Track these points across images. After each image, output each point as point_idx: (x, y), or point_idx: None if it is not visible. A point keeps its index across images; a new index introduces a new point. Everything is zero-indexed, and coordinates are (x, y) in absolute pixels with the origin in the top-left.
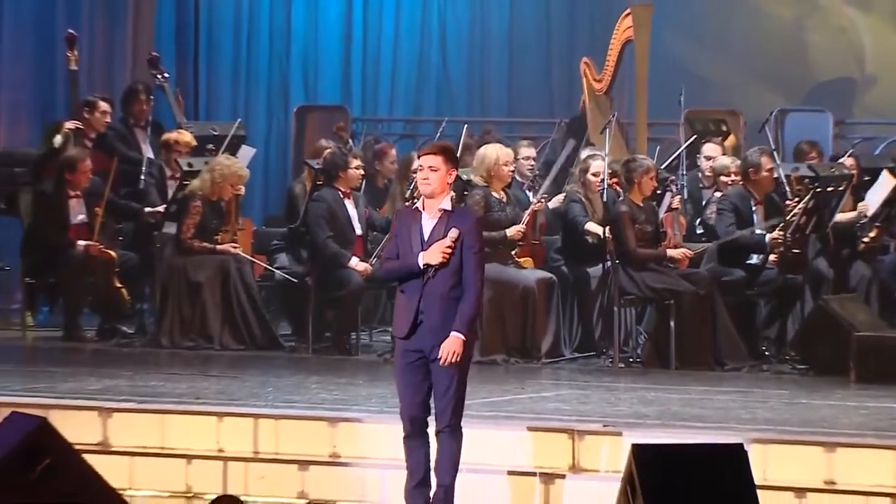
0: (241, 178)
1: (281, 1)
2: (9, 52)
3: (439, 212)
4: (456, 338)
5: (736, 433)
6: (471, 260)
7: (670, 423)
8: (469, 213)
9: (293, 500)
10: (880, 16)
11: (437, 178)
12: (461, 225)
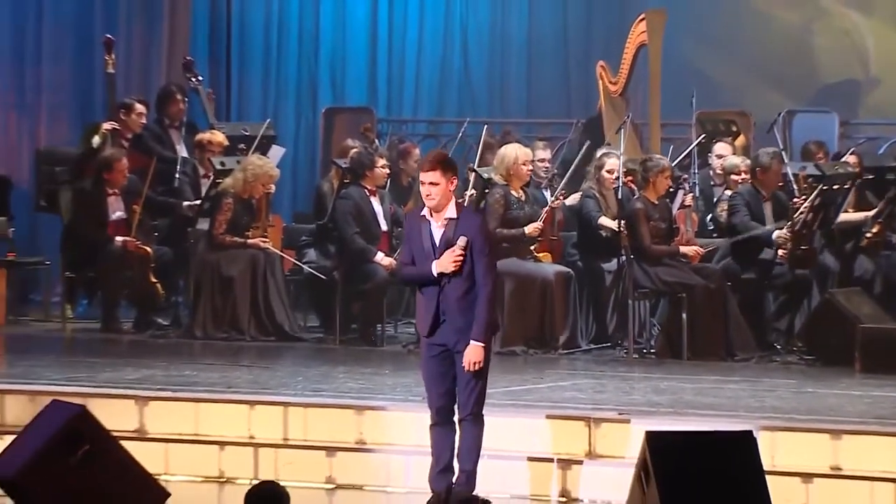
0: (272, 177)
1: (309, 6)
2: (49, 55)
3: (446, 221)
4: (476, 346)
5: (745, 421)
6: (480, 263)
7: (682, 412)
8: (474, 217)
9: (321, 484)
10: (883, 19)
11: (439, 191)
12: (468, 230)
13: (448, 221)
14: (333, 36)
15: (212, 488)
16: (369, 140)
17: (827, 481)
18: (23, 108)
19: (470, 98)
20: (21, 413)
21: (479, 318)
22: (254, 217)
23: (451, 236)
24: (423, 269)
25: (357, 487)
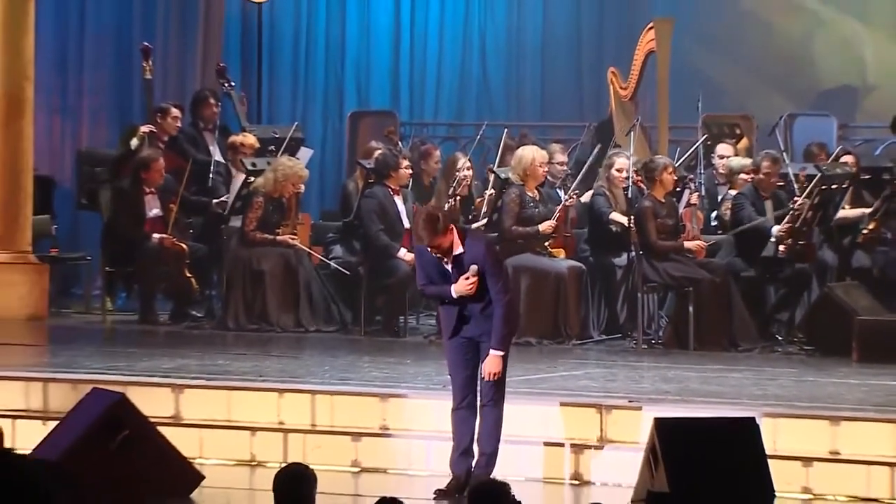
0: (301, 177)
1: (336, 16)
2: (90, 62)
3: (456, 257)
4: (495, 356)
5: (749, 408)
6: (491, 282)
7: (689, 399)
8: (479, 245)
9: (347, 468)
10: (880, 29)
11: (446, 247)
12: (475, 259)
13: (457, 258)
14: (358, 44)
15: (244, 471)
16: (393, 142)
17: (826, 465)
18: (65, 111)
19: (488, 102)
20: (64, 400)
21: (496, 331)
22: (284, 215)
23: (463, 268)
24: (442, 290)
25: (381, 471)
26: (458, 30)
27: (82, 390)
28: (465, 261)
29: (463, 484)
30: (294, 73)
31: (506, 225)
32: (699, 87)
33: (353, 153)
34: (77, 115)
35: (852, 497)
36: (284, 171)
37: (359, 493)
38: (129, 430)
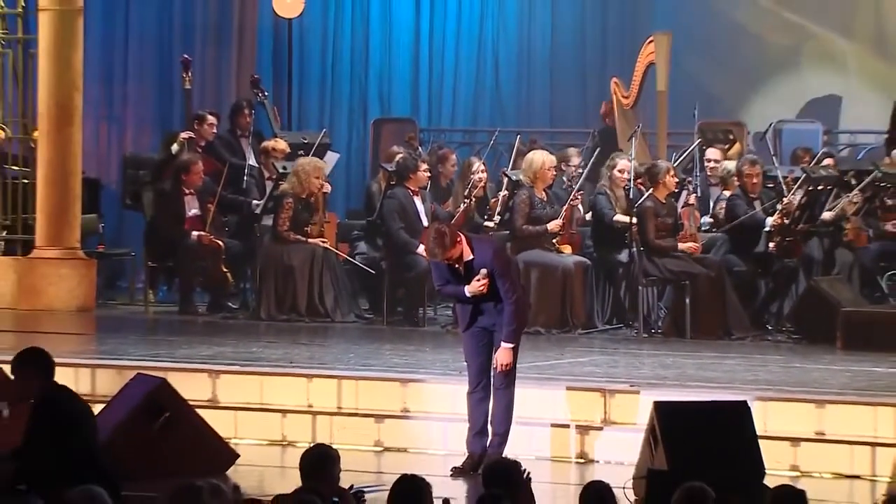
0: (320, 168)
1: (360, 30)
2: (134, 73)
3: (466, 263)
4: (506, 349)
5: (741, 392)
6: (500, 282)
7: (686, 384)
8: (486, 248)
9: (371, 447)
10: (861, 43)
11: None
12: (484, 262)
13: (468, 263)
14: (381, 56)
15: (275, 450)
16: (412, 147)
17: (812, 445)
18: (111, 119)
19: (500, 110)
20: (110, 385)
21: (506, 326)
22: (312, 213)
23: (474, 271)
24: (458, 290)
25: (402, 450)
26: (472, 43)
27: (127, 375)
28: (475, 265)
29: (477, 462)
30: (322, 83)
31: (517, 224)
32: (695, 95)
33: (376, 157)
34: (122, 122)
35: (837, 474)
36: (304, 167)
37: (381, 471)
38: (170, 412)
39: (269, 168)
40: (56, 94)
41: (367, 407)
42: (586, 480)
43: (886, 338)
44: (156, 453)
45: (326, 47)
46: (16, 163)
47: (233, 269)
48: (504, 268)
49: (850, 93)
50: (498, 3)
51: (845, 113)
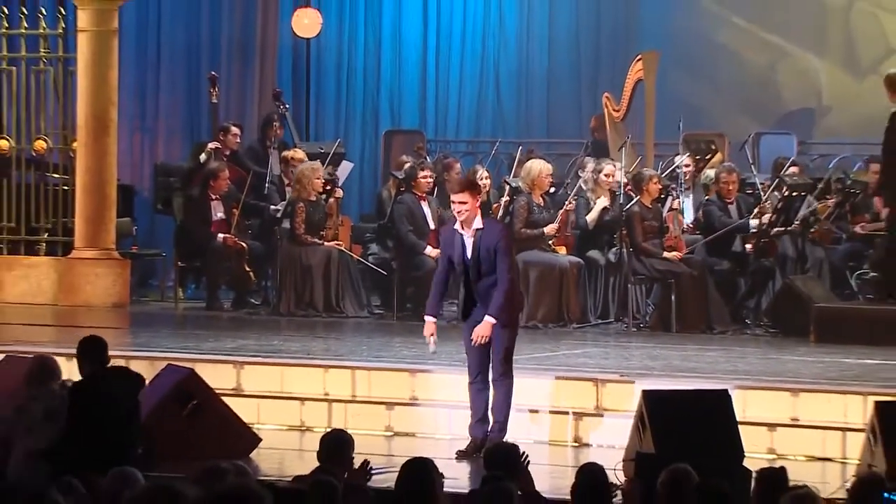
0: (317, 169)
1: (372, 49)
2: (166, 88)
3: (475, 231)
4: (487, 322)
5: (722, 381)
6: (502, 262)
7: (672, 374)
8: (497, 226)
9: (382, 432)
10: (833, 60)
11: (469, 208)
12: (492, 236)
13: (476, 231)
14: (391, 73)
15: (294, 435)
16: (421, 156)
17: (787, 430)
18: (144, 130)
19: (501, 122)
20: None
21: (495, 300)
22: (325, 215)
23: (479, 243)
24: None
25: (410, 434)
26: (475, 60)
27: (158, 366)
28: (482, 236)
29: (479, 446)
30: (337, 97)
31: (516, 228)
32: (680, 109)
33: (387, 166)
34: (154, 133)
35: (810, 457)
36: (304, 173)
37: (391, 454)
38: (198, 400)
39: (288, 176)
40: (93, 107)
41: (378, 395)
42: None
43: (856, 332)
44: (184, 438)
45: (341, 64)
46: (56, 171)
47: (255, 269)
48: (508, 246)
49: (822, 106)
50: (499, 22)
51: (818, 124)
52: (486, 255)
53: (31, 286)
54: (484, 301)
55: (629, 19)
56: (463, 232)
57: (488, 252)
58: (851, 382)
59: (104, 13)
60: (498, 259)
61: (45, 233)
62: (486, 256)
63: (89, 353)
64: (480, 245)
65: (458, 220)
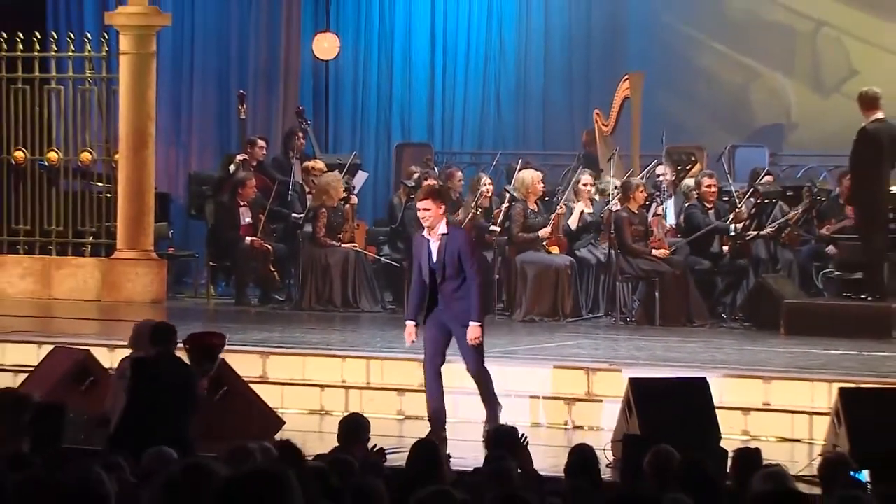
0: (338, 178)
1: (385, 70)
2: (198, 105)
3: (440, 236)
4: (474, 326)
5: (701, 370)
6: (468, 264)
7: (656, 363)
8: (460, 233)
9: (394, 416)
10: (801, 80)
11: (432, 214)
12: (456, 243)
13: (441, 237)
14: (402, 91)
15: (315, 419)
16: (429, 166)
17: (760, 414)
18: (179, 143)
19: (501, 135)
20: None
21: (473, 305)
22: (343, 220)
23: (444, 248)
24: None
25: (420, 418)
26: (478, 79)
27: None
28: (447, 241)
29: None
30: (353, 113)
31: (513, 232)
32: (663, 124)
33: (398, 175)
34: (188, 146)
35: (780, 438)
36: (329, 181)
37: (402, 435)
38: (227, 386)
39: (309, 184)
40: (133, 122)
41: (391, 382)
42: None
43: (822, 325)
44: (215, 420)
45: (357, 83)
46: (100, 180)
47: (279, 269)
48: (470, 250)
49: (791, 122)
50: (499, 46)
51: (787, 138)
52: (450, 259)
53: (77, 284)
54: (447, 302)
55: (617, 43)
56: (429, 237)
57: (452, 256)
58: (818, 371)
59: (143, 38)
60: (464, 262)
61: (90, 236)
62: (451, 261)
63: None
64: (445, 249)
65: (423, 224)
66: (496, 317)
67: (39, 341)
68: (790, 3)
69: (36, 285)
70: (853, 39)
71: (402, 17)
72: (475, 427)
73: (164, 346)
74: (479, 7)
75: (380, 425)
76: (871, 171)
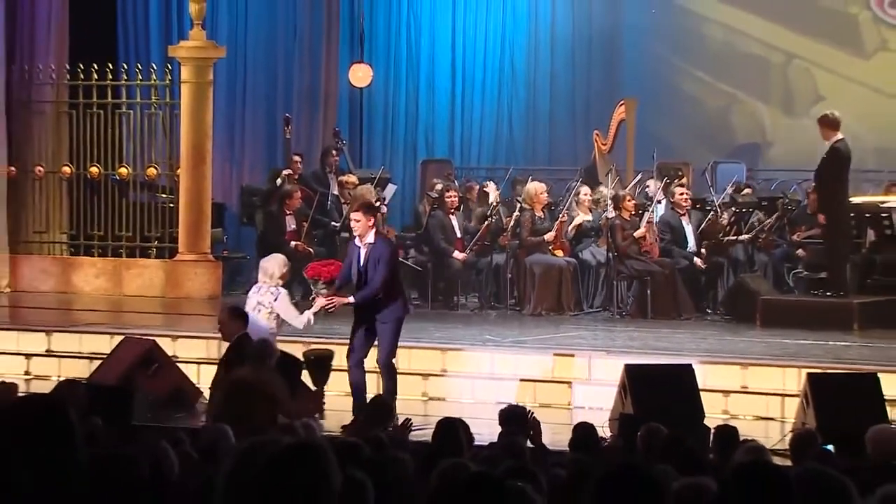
0: (371, 189)
1: (412, 95)
2: (249, 126)
3: (367, 245)
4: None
5: (687, 357)
6: (379, 273)
7: (647, 351)
8: (387, 244)
9: (419, 397)
10: (774, 105)
11: (361, 225)
12: (377, 252)
13: (368, 245)
14: (426, 114)
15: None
16: (450, 180)
17: (738, 395)
18: (233, 160)
19: (513, 152)
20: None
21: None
22: None
23: (369, 255)
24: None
25: (441, 399)
26: (493, 103)
27: None
28: (372, 250)
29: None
30: (383, 133)
31: (523, 236)
32: (654, 143)
33: (423, 187)
34: (241, 162)
35: (756, 416)
36: (359, 192)
37: (427, 414)
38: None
39: (344, 196)
40: (193, 141)
41: (416, 368)
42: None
43: (793, 319)
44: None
45: (387, 107)
46: (164, 192)
47: None
48: (390, 262)
49: (766, 141)
50: (511, 74)
51: (762, 155)
52: (372, 265)
53: (144, 282)
54: (367, 306)
55: (614, 72)
56: (359, 245)
57: (375, 263)
58: (789, 358)
59: (202, 68)
60: (377, 269)
61: (155, 240)
62: (372, 267)
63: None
64: (370, 257)
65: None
66: (508, 311)
67: (111, 332)
68: (765, 37)
69: (108, 284)
70: (820, 69)
71: (426, 49)
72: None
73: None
74: (493, 40)
75: (407, 406)
76: (838, 184)
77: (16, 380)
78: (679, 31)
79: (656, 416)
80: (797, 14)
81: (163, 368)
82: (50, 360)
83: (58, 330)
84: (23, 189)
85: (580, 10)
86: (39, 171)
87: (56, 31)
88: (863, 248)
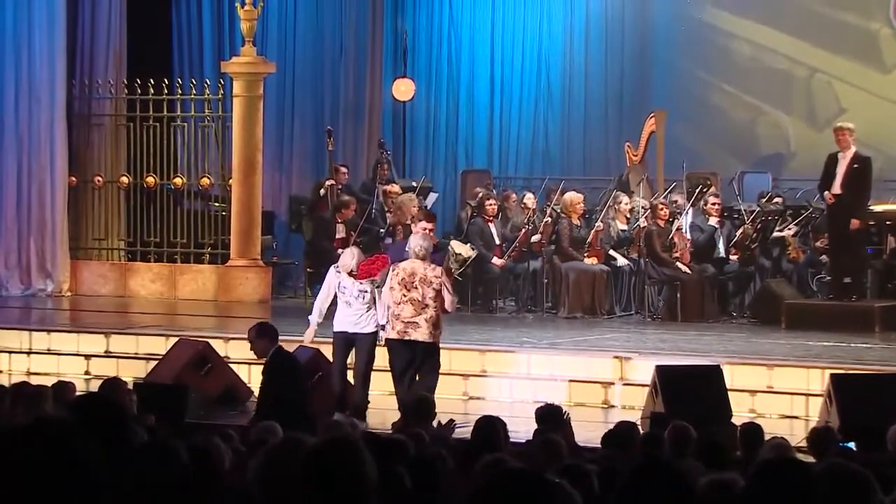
0: (413, 198)
1: (452, 108)
2: (297, 138)
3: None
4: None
5: (716, 358)
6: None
7: (677, 353)
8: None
9: (459, 396)
10: (798, 117)
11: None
12: None
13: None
14: (466, 126)
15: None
16: (489, 189)
17: (764, 395)
18: (282, 170)
19: (549, 162)
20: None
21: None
22: None
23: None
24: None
25: (481, 398)
26: (529, 116)
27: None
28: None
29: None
30: (425, 144)
31: (563, 244)
32: (683, 153)
33: (464, 196)
34: (289, 172)
35: (781, 415)
36: (403, 201)
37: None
38: (321, 372)
39: (388, 205)
40: (244, 153)
41: (456, 368)
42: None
43: (816, 322)
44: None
45: (429, 120)
46: (216, 200)
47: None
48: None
49: (790, 151)
50: (547, 88)
51: (787, 165)
52: None
53: (198, 286)
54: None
55: (644, 86)
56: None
57: None
58: (813, 359)
59: (252, 83)
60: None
61: (208, 247)
62: None
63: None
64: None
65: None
66: (544, 314)
67: (166, 334)
68: (789, 52)
69: (163, 288)
70: (841, 83)
71: (466, 65)
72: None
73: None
74: (530, 56)
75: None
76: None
77: (76, 379)
78: (707, 46)
79: (686, 414)
80: (820, 30)
81: (215, 369)
82: (108, 361)
83: (116, 332)
84: (83, 198)
85: (612, 27)
86: (99, 181)
87: (114, 48)
88: (883, 255)
